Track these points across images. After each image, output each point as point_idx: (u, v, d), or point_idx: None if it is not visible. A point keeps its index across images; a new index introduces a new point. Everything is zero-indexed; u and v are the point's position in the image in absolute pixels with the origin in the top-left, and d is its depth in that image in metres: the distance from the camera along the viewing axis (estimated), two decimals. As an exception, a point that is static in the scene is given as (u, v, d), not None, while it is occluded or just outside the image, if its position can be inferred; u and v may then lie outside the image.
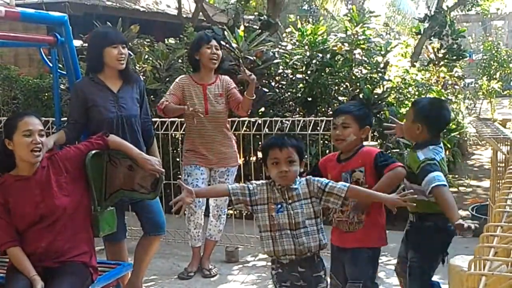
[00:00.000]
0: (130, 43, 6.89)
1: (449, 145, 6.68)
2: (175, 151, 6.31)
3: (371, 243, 3.12)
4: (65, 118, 4.00)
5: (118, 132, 3.65)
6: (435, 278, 3.46)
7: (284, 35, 8.43)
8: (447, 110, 3.35)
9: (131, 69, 3.96)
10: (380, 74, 6.61)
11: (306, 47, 6.48)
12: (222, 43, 6.06)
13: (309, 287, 2.88)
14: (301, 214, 2.80)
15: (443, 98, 7.35)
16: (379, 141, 6.01)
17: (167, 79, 6.46)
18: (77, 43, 5.23)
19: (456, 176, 8.31)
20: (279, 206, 2.82)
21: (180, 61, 6.84)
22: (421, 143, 3.18)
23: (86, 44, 6.79)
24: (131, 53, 6.60)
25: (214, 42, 4.46)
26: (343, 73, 6.41)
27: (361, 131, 3.16)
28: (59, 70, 4.10)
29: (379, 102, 6.35)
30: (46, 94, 7.43)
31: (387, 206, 2.95)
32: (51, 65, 4.03)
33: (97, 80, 3.73)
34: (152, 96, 6.35)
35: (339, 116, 3.18)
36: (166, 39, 8.01)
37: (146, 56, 6.66)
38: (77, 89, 3.76)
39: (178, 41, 7.60)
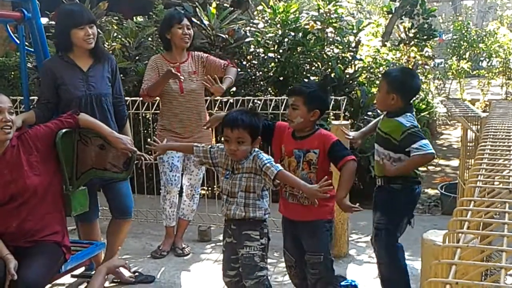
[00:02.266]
0: (98, 21, 6.75)
1: (418, 125, 6.76)
2: (146, 131, 6.24)
3: (327, 216, 3.18)
4: (33, 97, 3.92)
5: (86, 111, 3.59)
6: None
7: (255, 13, 8.36)
8: (417, 77, 3.48)
9: (102, 47, 3.88)
10: (351, 54, 6.62)
11: (278, 25, 6.44)
12: (194, 20, 6.01)
13: (238, 245, 3.08)
14: (238, 185, 3.03)
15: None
16: (350, 120, 6.05)
17: (137, 57, 6.38)
18: (43, 20, 5.09)
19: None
20: (227, 173, 3.09)
21: (150, 39, 6.74)
22: (397, 111, 3.27)
23: (53, 22, 6.68)
24: (100, 31, 6.47)
25: (185, 21, 4.37)
26: (315, 52, 6.40)
27: (310, 114, 3.09)
28: (26, 48, 4.00)
29: (351, 81, 6.37)
30: (12, 73, 7.27)
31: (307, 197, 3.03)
32: (18, 42, 3.92)
33: (67, 58, 3.66)
34: (121, 75, 6.25)
35: (290, 96, 3.18)
36: (135, 17, 7.86)
37: (115, 34, 6.54)
38: (47, 68, 3.68)
39: (147, 19, 7.47)
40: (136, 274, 4.06)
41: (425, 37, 9.26)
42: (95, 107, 3.66)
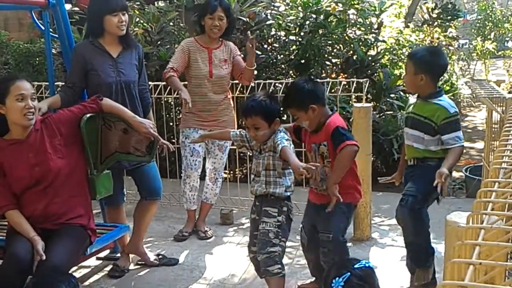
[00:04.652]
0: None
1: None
2: (168, 115, 6.28)
3: (346, 199, 3.14)
4: (58, 83, 3.97)
5: (117, 97, 3.66)
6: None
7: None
8: (443, 54, 3.42)
9: (131, 35, 3.94)
10: (374, 35, 6.55)
11: (300, 8, 6.39)
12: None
13: (259, 221, 3.20)
14: (261, 164, 3.18)
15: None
16: (372, 103, 6.00)
17: (159, 42, 6.39)
18: (67, 6, 5.14)
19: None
20: (256, 153, 3.24)
21: (171, 24, 6.75)
22: (429, 92, 3.22)
23: (76, 8, 6.74)
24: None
25: (218, 12, 4.35)
26: (337, 34, 6.34)
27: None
28: (51, 34, 4.05)
29: (373, 63, 6.32)
30: (37, 59, 7.35)
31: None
32: (43, 28, 3.97)
33: (97, 44, 3.73)
34: (144, 60, 6.28)
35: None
36: (156, 2, 7.87)
37: (137, 19, 6.56)
38: (77, 53, 3.75)
39: (169, 4, 7.48)
40: (160, 256, 4.12)
41: (449, 17, 9.12)
42: (125, 93, 3.73)
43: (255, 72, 6.12)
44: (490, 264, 1.03)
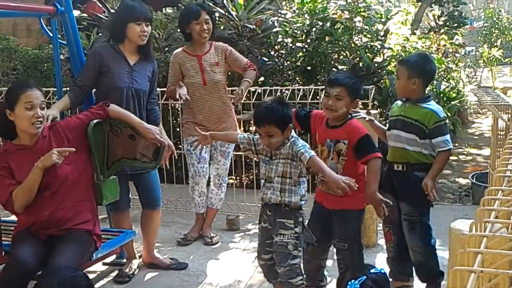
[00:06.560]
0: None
1: (449, 114, 6.67)
2: (175, 121, 6.31)
3: (356, 205, 3.23)
4: (66, 89, 4.01)
5: (128, 103, 3.73)
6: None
7: (283, 3, 8.33)
8: (433, 60, 3.59)
9: (151, 47, 4.02)
10: (380, 42, 6.57)
11: (306, 15, 6.42)
12: (221, 11, 6.02)
13: (273, 230, 3.18)
14: (274, 170, 3.13)
15: (443, 66, 7.34)
16: (379, 110, 6.01)
17: (166, 48, 6.43)
18: (75, 13, 5.19)
19: (456, 144, 8.32)
20: (266, 158, 3.19)
21: (178, 30, 6.78)
22: (419, 97, 3.37)
23: (85, 15, 6.80)
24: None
25: (203, 16, 4.35)
26: (343, 41, 6.36)
27: (352, 104, 3.21)
28: (59, 40, 4.10)
29: (379, 70, 6.33)
30: (45, 64, 7.40)
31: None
32: (51, 34, 4.02)
33: (117, 49, 3.81)
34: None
35: (334, 87, 3.20)
36: (164, 8, 7.91)
37: (145, 26, 6.60)
38: (96, 53, 3.82)
39: (176, 10, 7.52)
40: (171, 260, 4.17)
41: (455, 24, 9.12)
42: (135, 101, 3.79)
43: (262, 78, 6.19)
44: (492, 272, 1.04)
